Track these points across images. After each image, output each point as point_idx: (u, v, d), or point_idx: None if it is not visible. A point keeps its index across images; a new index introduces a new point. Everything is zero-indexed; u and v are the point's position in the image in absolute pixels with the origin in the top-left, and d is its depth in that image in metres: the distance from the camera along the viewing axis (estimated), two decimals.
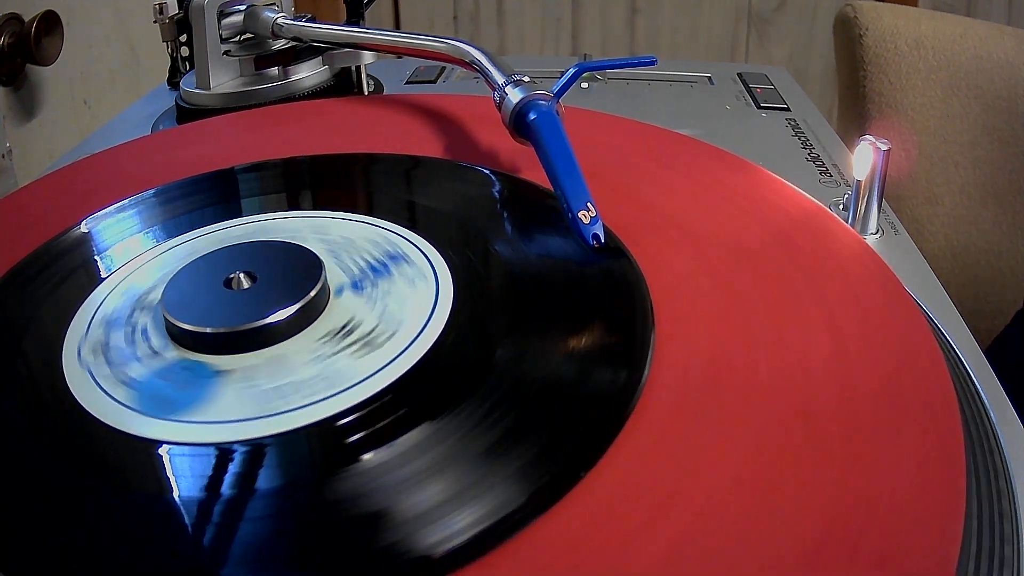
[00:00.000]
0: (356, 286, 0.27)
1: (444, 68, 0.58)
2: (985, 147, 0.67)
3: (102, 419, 0.23)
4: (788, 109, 0.51)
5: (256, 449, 0.21)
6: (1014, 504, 0.22)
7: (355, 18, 0.49)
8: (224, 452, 0.21)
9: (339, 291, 0.27)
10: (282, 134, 0.40)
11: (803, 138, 0.46)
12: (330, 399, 0.23)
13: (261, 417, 0.22)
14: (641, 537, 0.19)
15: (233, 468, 0.21)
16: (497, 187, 0.34)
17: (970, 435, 0.24)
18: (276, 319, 0.25)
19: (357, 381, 0.23)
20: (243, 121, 0.43)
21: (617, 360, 0.23)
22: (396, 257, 0.29)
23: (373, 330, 0.25)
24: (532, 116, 0.32)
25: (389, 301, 0.26)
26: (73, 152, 0.47)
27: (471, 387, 0.23)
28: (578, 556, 0.18)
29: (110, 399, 0.23)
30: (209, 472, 0.21)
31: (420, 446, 0.21)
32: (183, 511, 0.20)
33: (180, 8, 0.51)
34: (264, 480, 0.21)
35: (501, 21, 1.27)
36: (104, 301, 0.28)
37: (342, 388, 0.23)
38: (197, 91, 0.48)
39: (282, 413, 0.22)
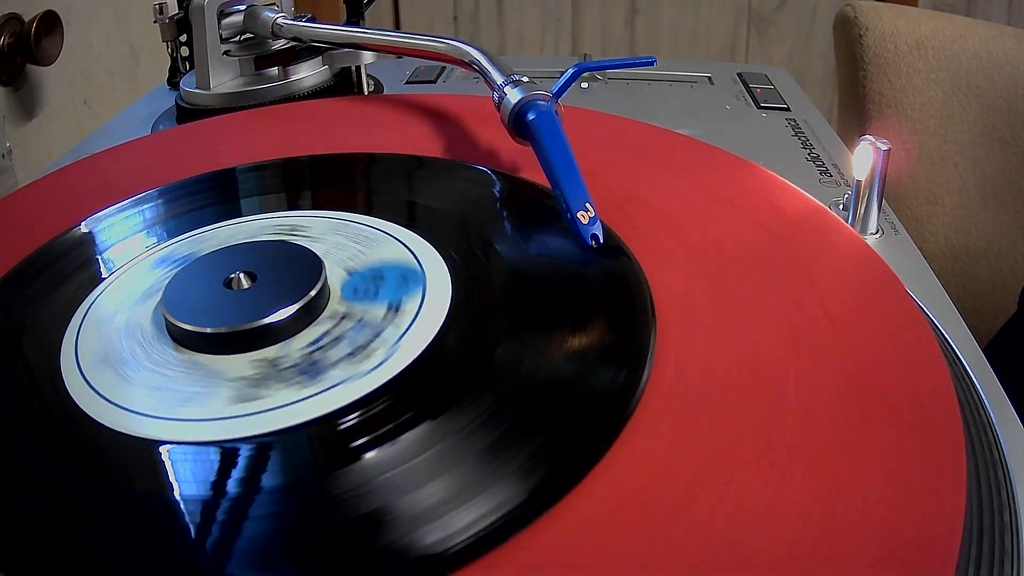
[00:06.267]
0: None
1: (444, 68, 0.58)
2: (985, 147, 0.67)
3: (100, 420, 0.23)
4: (788, 109, 0.51)
5: (257, 448, 0.21)
6: (1013, 501, 0.22)
7: (355, 18, 0.50)
8: (224, 451, 0.21)
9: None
10: (282, 134, 0.40)
11: (803, 138, 0.46)
12: (331, 398, 0.23)
13: (261, 412, 0.22)
14: (640, 536, 0.19)
15: (235, 466, 0.21)
16: (497, 187, 0.34)
17: (970, 435, 0.24)
18: (276, 319, 0.25)
19: (357, 379, 0.23)
20: (243, 121, 0.43)
21: (617, 360, 0.23)
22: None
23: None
24: (531, 116, 0.32)
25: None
26: (73, 152, 0.47)
27: (471, 386, 0.23)
28: (578, 555, 0.18)
29: (108, 399, 0.23)
30: (210, 471, 0.21)
31: (420, 445, 0.21)
32: (182, 510, 0.20)
33: (180, 8, 0.51)
34: (265, 479, 0.21)
35: (501, 21, 1.27)
36: (104, 301, 0.28)
37: (342, 386, 0.23)
38: (197, 91, 0.48)
39: (282, 409, 0.22)
